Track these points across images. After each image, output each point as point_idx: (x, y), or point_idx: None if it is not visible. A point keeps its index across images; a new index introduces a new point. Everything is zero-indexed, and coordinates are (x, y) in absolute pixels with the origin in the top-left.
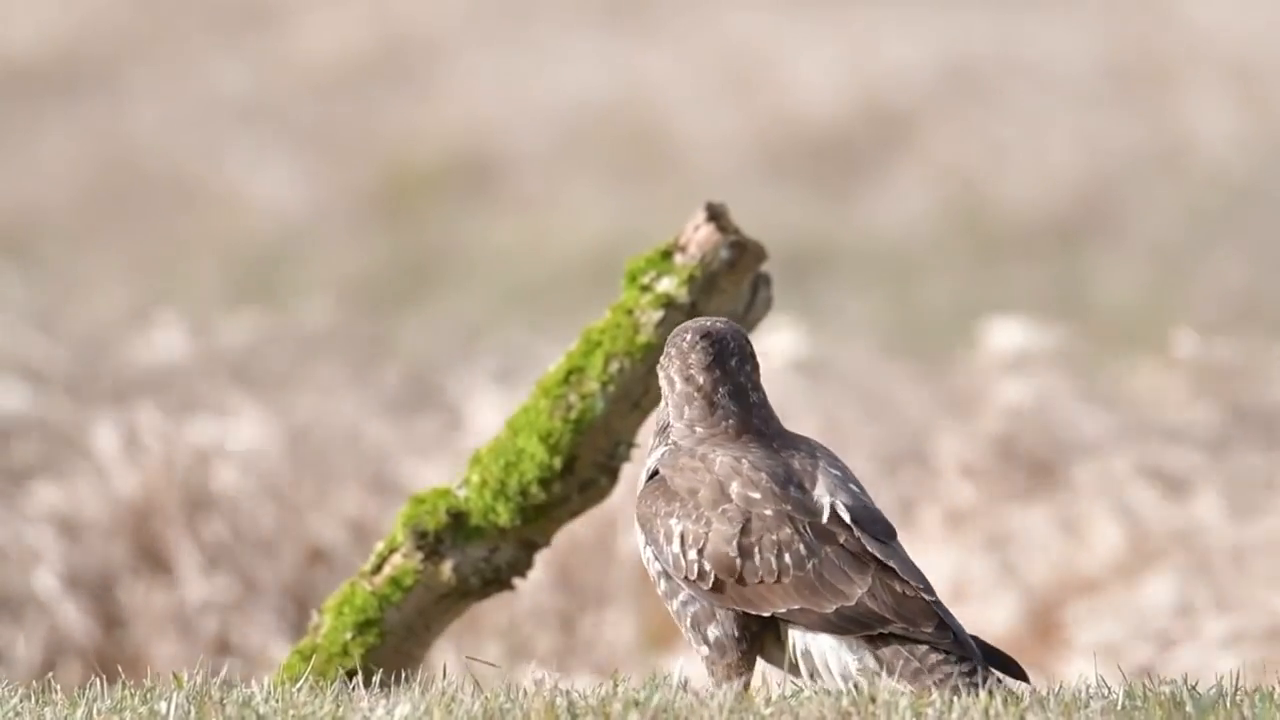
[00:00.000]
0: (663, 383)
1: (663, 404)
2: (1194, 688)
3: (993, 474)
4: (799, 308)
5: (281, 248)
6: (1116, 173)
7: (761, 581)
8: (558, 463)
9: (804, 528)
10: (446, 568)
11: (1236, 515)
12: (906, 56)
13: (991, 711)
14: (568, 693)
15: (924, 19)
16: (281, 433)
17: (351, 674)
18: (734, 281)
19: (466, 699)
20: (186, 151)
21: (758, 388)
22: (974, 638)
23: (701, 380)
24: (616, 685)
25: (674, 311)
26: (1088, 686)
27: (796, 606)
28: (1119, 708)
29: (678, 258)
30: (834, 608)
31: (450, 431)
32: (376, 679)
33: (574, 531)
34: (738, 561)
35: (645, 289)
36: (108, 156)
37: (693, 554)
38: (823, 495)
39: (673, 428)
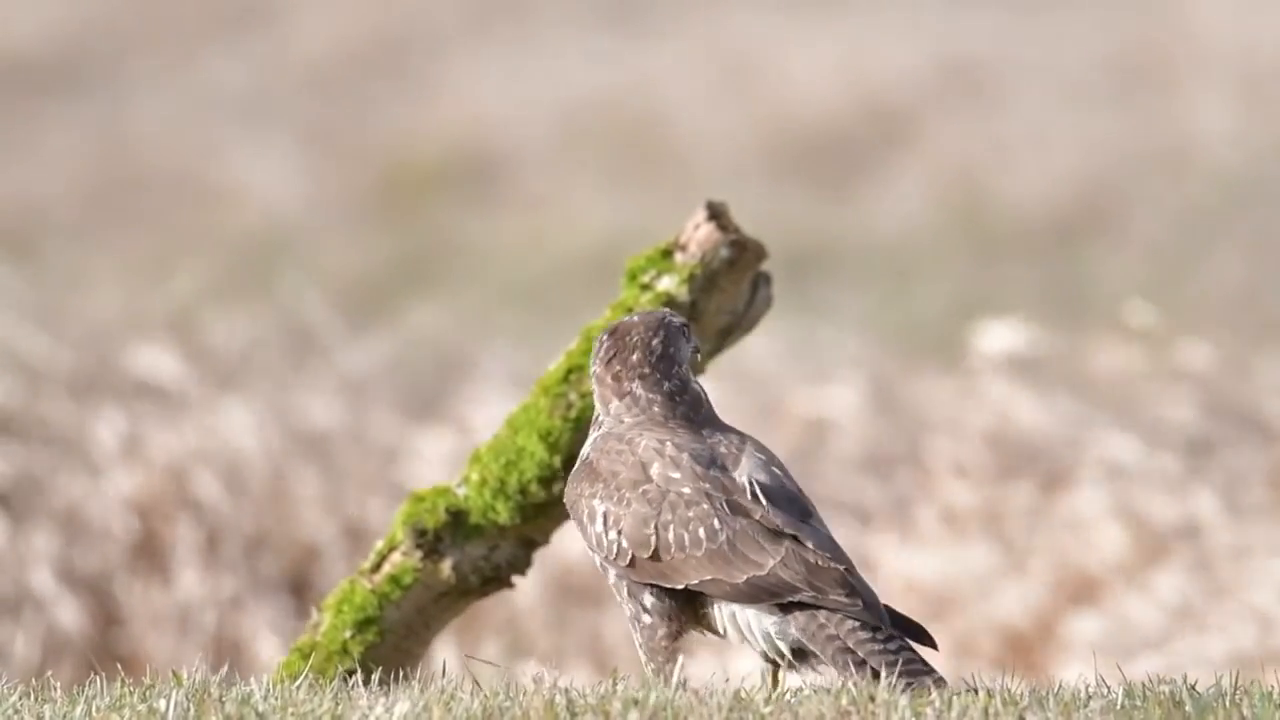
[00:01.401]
0: (591, 381)
1: (596, 401)
2: (1193, 687)
3: (990, 473)
4: (799, 306)
5: (281, 244)
6: (1116, 172)
7: (673, 557)
8: (557, 461)
9: (720, 504)
10: (446, 566)
11: (1234, 514)
12: (906, 55)
13: (991, 711)
14: (567, 691)
15: (924, 18)
16: (279, 430)
17: (351, 672)
18: (734, 280)
19: (466, 697)
20: (187, 148)
21: (679, 377)
22: (887, 607)
23: (635, 370)
24: (615, 684)
25: (674, 310)
26: (1087, 686)
27: (709, 577)
28: (1118, 707)
29: (678, 256)
30: (745, 577)
31: (450, 429)
32: (376, 677)
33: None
34: (653, 540)
35: (645, 287)
36: (108, 153)
37: (613, 534)
38: (742, 475)
39: (603, 420)
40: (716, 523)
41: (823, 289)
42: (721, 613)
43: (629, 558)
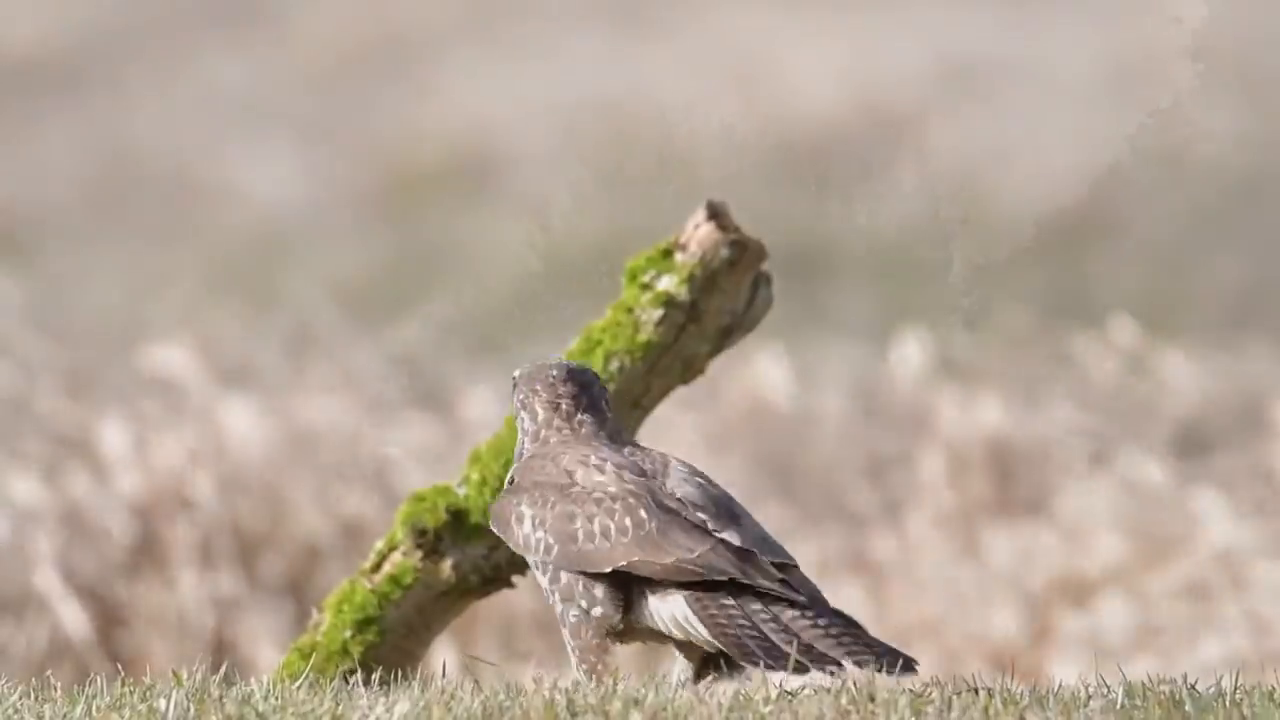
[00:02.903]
0: (522, 423)
1: (519, 443)
2: (1193, 687)
3: (984, 477)
4: (799, 307)
5: (281, 244)
6: (1117, 172)
7: (596, 545)
8: None
9: (647, 502)
10: (446, 565)
11: (1231, 515)
12: (906, 56)
13: (991, 711)
14: (567, 691)
15: (924, 19)
16: (279, 431)
17: (351, 671)
18: (734, 280)
19: (466, 697)
20: (187, 148)
21: (611, 410)
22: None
23: (568, 406)
24: (615, 684)
25: (674, 310)
26: (1087, 686)
27: (636, 558)
28: (1118, 707)
29: (678, 256)
30: (673, 559)
31: (449, 429)
32: (376, 677)
33: None
34: (579, 532)
35: (645, 287)
36: (108, 153)
37: (539, 533)
38: (672, 485)
39: (526, 449)
40: (643, 513)
41: (823, 289)
42: (654, 612)
43: (555, 551)
